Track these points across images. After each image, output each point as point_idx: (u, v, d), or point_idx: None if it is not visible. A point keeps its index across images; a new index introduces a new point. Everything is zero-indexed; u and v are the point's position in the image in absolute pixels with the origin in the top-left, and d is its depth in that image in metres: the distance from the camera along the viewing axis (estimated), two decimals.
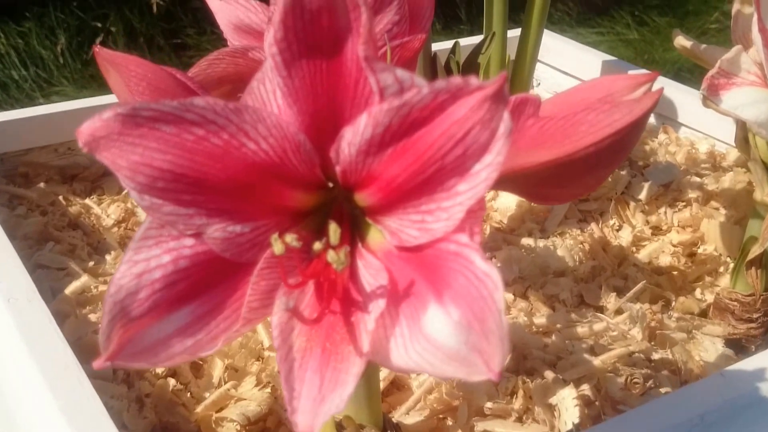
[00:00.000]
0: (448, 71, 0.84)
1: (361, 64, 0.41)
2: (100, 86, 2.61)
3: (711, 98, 0.70)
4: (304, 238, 0.45)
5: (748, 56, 0.73)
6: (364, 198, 0.45)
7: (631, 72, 1.21)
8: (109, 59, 0.56)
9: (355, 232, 0.47)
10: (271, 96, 0.44)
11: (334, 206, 0.47)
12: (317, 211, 0.47)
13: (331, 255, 0.42)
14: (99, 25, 2.88)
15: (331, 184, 0.46)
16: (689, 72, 2.89)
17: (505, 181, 0.51)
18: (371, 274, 0.44)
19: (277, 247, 0.42)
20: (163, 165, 0.42)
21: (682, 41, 0.87)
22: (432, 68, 0.82)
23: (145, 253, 0.43)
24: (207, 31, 2.86)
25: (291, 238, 0.43)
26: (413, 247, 0.43)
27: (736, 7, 0.80)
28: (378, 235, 0.45)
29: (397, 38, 0.63)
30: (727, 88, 0.71)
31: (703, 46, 0.86)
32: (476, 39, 1.30)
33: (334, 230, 0.43)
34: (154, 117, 0.41)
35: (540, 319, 0.80)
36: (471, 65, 0.89)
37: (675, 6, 3.54)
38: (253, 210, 0.45)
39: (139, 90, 0.55)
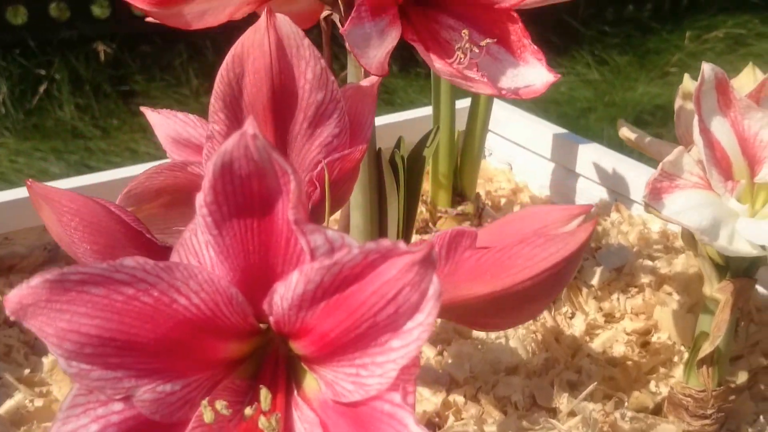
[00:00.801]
0: (393, 167, 0.83)
1: (292, 226, 0.40)
2: (43, 137, 2.56)
3: (653, 204, 0.67)
4: (238, 387, 0.45)
5: (690, 156, 0.71)
6: (298, 347, 0.44)
7: (582, 146, 1.22)
8: (42, 194, 0.55)
9: (291, 376, 0.46)
10: (203, 248, 0.43)
11: (269, 349, 0.47)
12: (253, 354, 0.47)
13: (262, 422, 0.42)
14: (43, 72, 2.82)
15: (264, 326, 0.45)
16: (650, 114, 2.89)
17: (445, 311, 0.51)
18: (306, 429, 0.43)
19: (208, 416, 0.42)
20: (90, 330, 0.41)
21: (626, 132, 0.87)
22: (377, 164, 0.82)
23: (72, 424, 0.42)
24: (156, 78, 2.79)
25: (221, 406, 0.42)
26: (349, 402, 0.42)
27: (678, 102, 0.80)
28: (314, 383, 0.45)
29: (338, 150, 0.62)
30: (669, 191, 0.68)
31: (648, 138, 0.86)
32: (424, 111, 1.28)
33: (264, 396, 0.43)
34: (83, 280, 0.41)
35: (491, 428, 0.79)
36: (416, 159, 0.88)
37: (635, 45, 3.56)
38: (185, 366, 0.44)
39: (72, 226, 0.54)
